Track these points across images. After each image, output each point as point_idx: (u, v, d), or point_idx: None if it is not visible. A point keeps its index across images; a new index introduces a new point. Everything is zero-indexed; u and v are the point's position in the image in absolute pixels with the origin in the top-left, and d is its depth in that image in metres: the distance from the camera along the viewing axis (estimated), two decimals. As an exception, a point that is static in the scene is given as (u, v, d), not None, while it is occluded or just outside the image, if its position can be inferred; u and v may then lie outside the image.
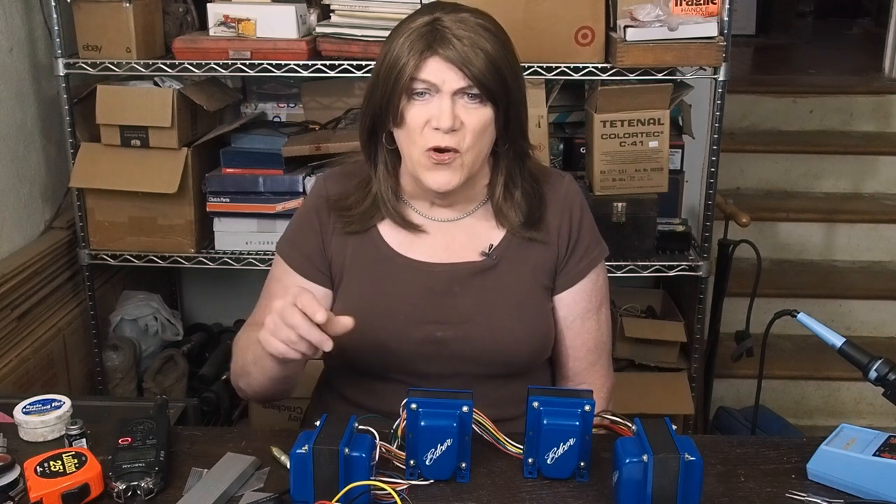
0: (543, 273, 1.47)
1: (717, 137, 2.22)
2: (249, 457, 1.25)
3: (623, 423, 1.28)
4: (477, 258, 1.45)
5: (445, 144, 1.33)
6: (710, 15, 2.06)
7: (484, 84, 1.31)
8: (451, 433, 1.17)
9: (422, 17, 1.34)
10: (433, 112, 1.32)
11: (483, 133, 1.35)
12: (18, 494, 1.16)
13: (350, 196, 1.47)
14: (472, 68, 1.30)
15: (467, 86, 1.32)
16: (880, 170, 3.57)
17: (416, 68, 1.31)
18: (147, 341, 2.56)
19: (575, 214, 1.49)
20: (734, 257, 2.63)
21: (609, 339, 1.56)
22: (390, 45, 1.35)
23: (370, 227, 1.46)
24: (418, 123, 1.33)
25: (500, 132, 1.39)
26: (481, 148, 1.37)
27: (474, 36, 1.31)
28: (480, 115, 1.34)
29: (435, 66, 1.31)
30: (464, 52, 1.30)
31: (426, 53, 1.31)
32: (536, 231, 1.46)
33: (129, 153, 2.26)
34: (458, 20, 1.33)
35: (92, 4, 2.20)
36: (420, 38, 1.31)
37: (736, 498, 1.19)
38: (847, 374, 2.94)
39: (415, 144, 1.35)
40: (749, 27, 5.47)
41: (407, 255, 1.45)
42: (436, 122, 1.32)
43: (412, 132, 1.35)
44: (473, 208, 1.47)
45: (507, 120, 1.37)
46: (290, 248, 1.50)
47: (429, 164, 1.35)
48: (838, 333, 1.30)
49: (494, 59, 1.32)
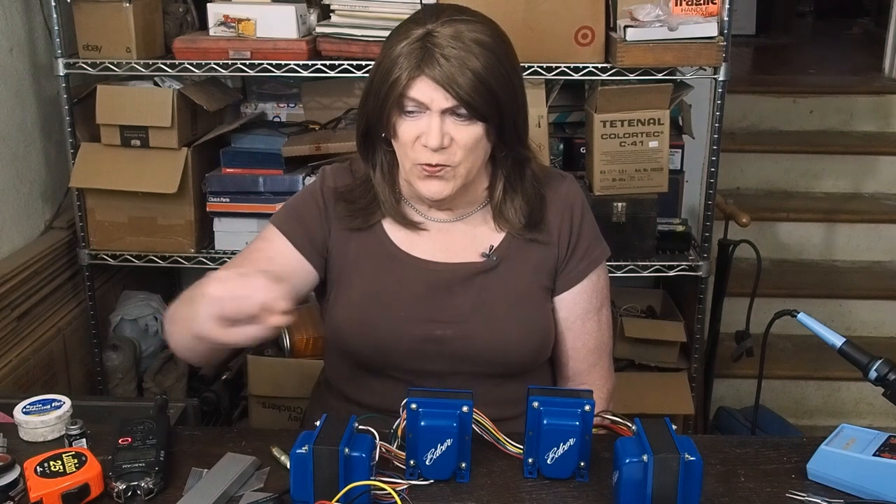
0: (544, 274, 1.47)
1: (717, 137, 2.22)
2: (249, 457, 1.25)
3: (623, 423, 1.28)
4: (477, 259, 1.45)
5: (435, 161, 1.33)
6: (710, 15, 2.06)
7: (470, 104, 1.30)
8: (451, 433, 1.17)
9: (417, 28, 1.33)
10: (423, 129, 1.32)
11: (474, 148, 1.35)
12: (18, 494, 1.16)
13: (354, 190, 1.47)
14: (458, 89, 1.29)
15: (454, 105, 1.31)
16: (880, 170, 3.57)
17: (406, 87, 1.31)
18: (147, 341, 2.56)
19: (576, 215, 1.49)
20: (734, 257, 2.63)
21: (610, 339, 1.56)
22: (386, 53, 1.35)
23: (374, 223, 1.46)
24: (409, 139, 1.34)
25: (495, 143, 1.38)
26: (474, 161, 1.37)
27: (464, 54, 1.29)
28: (470, 133, 1.33)
29: (423, 85, 1.30)
30: (450, 73, 1.29)
31: (415, 73, 1.30)
32: (538, 232, 1.46)
33: (129, 153, 2.26)
34: (452, 35, 1.30)
35: (92, 4, 2.20)
36: (411, 53, 1.31)
37: (736, 498, 1.19)
38: (847, 374, 2.94)
39: (407, 157, 1.36)
40: (749, 27, 5.46)
41: (409, 252, 1.46)
42: (425, 140, 1.32)
43: (404, 146, 1.36)
44: (473, 210, 1.48)
45: (502, 132, 1.37)
46: (290, 220, 1.47)
47: (421, 175, 1.36)
48: (838, 333, 1.30)
49: (484, 78, 1.30)
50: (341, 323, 1.46)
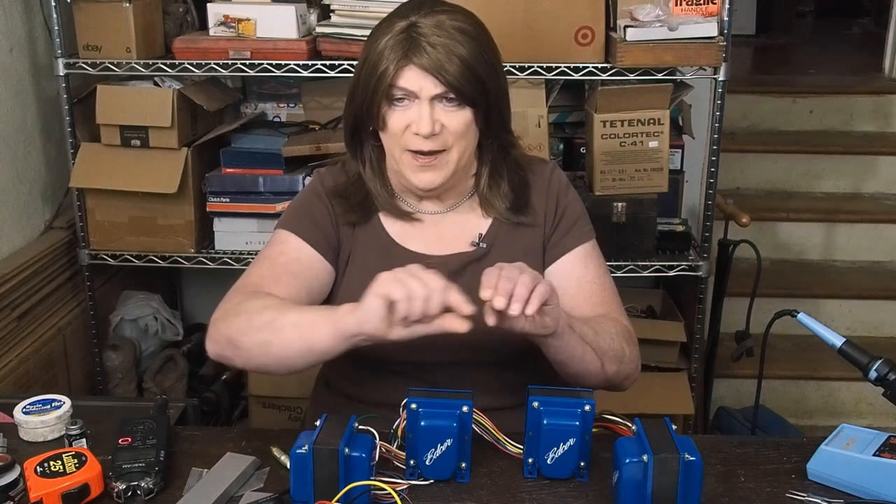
0: (535, 256, 1.48)
1: (717, 137, 2.22)
2: (249, 457, 1.25)
3: (623, 423, 1.28)
4: (468, 248, 1.47)
5: (428, 148, 1.36)
6: (710, 15, 2.06)
7: (459, 90, 1.33)
8: (451, 433, 1.17)
9: (399, 21, 1.35)
10: (413, 118, 1.35)
11: (464, 134, 1.38)
12: (18, 494, 1.17)
13: (349, 188, 1.49)
14: (447, 75, 1.32)
15: (443, 92, 1.34)
16: (880, 170, 3.57)
17: (394, 77, 1.33)
18: (147, 341, 2.56)
19: (561, 196, 1.51)
20: (734, 257, 2.63)
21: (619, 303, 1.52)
22: (370, 48, 1.37)
23: (371, 216, 1.48)
24: (399, 128, 1.36)
25: (482, 129, 1.41)
26: (465, 146, 1.39)
27: (448, 42, 1.33)
28: (460, 118, 1.36)
29: (411, 74, 1.33)
30: (438, 60, 1.32)
31: (402, 62, 1.33)
32: (524, 215, 1.48)
33: (129, 153, 2.26)
34: (435, 24, 1.33)
35: (92, 4, 2.20)
36: (397, 45, 1.33)
37: (736, 498, 1.19)
38: (847, 374, 2.93)
39: (397, 146, 1.38)
40: (749, 27, 5.46)
41: (404, 245, 1.47)
42: (416, 128, 1.34)
43: (394, 136, 1.38)
44: (461, 200, 1.50)
45: (489, 117, 1.40)
46: (302, 221, 1.48)
47: (413, 164, 1.38)
48: (838, 333, 1.30)
49: (470, 64, 1.33)
50: None
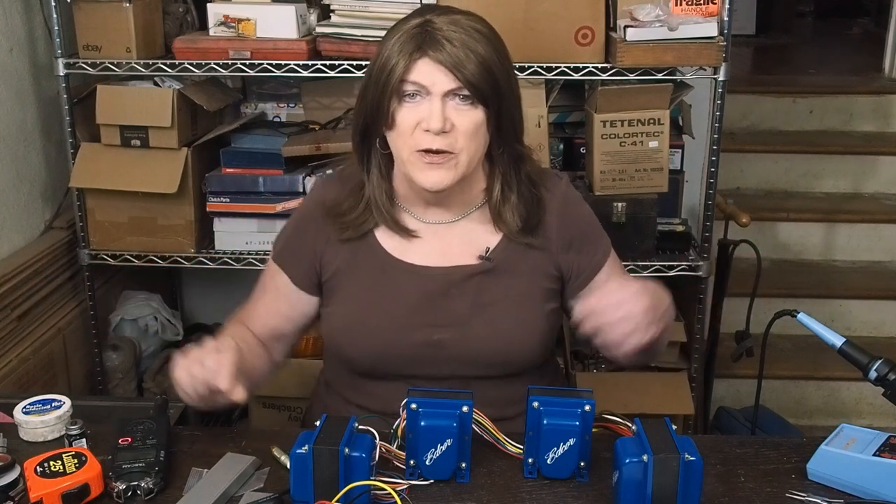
0: (542, 275, 1.47)
1: (717, 137, 2.22)
2: (249, 457, 1.25)
3: (623, 423, 1.28)
4: (474, 261, 1.45)
5: (437, 147, 1.33)
6: (710, 15, 2.06)
7: (475, 86, 1.31)
8: (451, 433, 1.17)
9: (413, 19, 1.34)
10: (423, 114, 1.32)
11: (475, 135, 1.35)
12: (18, 494, 1.17)
13: (344, 202, 1.47)
14: (464, 70, 1.30)
15: (457, 87, 1.31)
16: (880, 170, 3.57)
17: (405, 70, 1.31)
18: (147, 341, 2.56)
19: (575, 215, 1.49)
20: (734, 257, 2.63)
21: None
22: (382, 48, 1.36)
23: (366, 232, 1.46)
24: (409, 125, 1.33)
25: (493, 135, 1.38)
26: (475, 149, 1.36)
27: (466, 38, 1.31)
28: (472, 117, 1.33)
29: (425, 67, 1.31)
30: (455, 54, 1.30)
31: (416, 55, 1.31)
32: (534, 237, 1.45)
33: (129, 153, 2.26)
34: (451, 22, 1.32)
35: (92, 4, 2.19)
36: (410, 39, 1.32)
37: (736, 498, 1.19)
38: (847, 374, 2.93)
39: (406, 146, 1.35)
40: (749, 27, 5.46)
41: (403, 259, 1.45)
42: (426, 124, 1.32)
43: (403, 134, 1.35)
44: (469, 211, 1.47)
45: (500, 122, 1.37)
46: (284, 253, 1.51)
47: (421, 164, 1.35)
48: (838, 333, 1.30)
49: (486, 62, 1.31)
50: (337, 332, 1.46)
